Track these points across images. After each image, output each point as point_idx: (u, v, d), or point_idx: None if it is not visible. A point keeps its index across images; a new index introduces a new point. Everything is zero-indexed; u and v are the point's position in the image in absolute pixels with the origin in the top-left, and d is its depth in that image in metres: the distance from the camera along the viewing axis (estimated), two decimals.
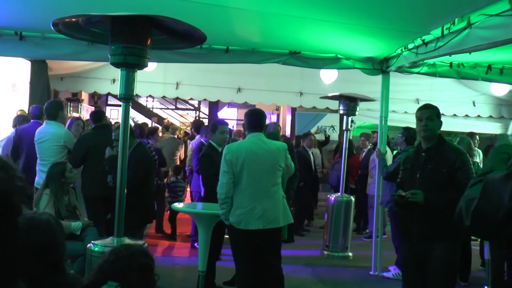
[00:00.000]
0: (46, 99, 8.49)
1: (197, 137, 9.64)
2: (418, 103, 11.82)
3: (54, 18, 3.76)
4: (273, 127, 7.96)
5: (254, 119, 5.16)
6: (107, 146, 6.08)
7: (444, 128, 4.45)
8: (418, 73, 7.21)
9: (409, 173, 4.44)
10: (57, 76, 10.86)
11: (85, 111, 13.00)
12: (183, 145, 11.17)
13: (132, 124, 10.11)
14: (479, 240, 7.30)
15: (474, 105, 12.36)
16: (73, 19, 3.76)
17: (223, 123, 6.43)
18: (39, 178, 6.28)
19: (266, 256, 5.08)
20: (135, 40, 3.85)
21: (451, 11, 5.02)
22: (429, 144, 4.36)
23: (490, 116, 12.69)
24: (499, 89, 10.30)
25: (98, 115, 6.94)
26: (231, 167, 4.88)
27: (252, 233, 4.90)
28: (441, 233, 4.17)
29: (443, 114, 13.29)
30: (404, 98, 11.54)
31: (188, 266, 6.91)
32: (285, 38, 6.59)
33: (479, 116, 12.57)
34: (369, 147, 10.44)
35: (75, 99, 12.96)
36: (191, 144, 9.61)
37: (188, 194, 9.90)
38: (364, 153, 10.56)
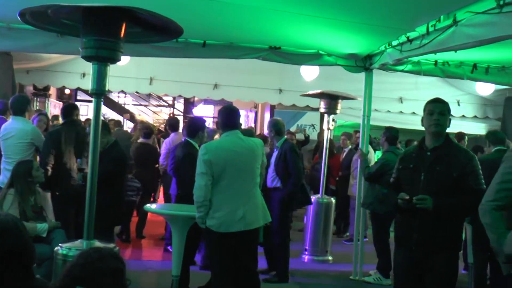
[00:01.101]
0: (11, 94, 8.38)
1: (172, 135, 9.61)
2: (402, 102, 11.96)
3: (21, 8, 3.71)
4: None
5: (230, 116, 5.12)
6: (77, 141, 6.04)
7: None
8: (402, 71, 7.27)
9: (409, 173, 4.18)
10: (22, 69, 10.72)
11: (53, 107, 12.86)
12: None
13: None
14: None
15: (458, 105, 12.52)
16: (42, 9, 3.72)
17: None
18: (3, 177, 6.20)
19: (244, 260, 5.07)
20: (107, 33, 3.82)
21: (436, 8, 5.07)
22: (436, 143, 4.12)
23: (475, 116, 12.88)
24: (484, 89, 10.45)
25: (68, 110, 6.87)
26: (210, 168, 4.78)
27: (232, 236, 4.84)
28: (444, 242, 4.00)
29: None
30: (388, 97, 11.64)
31: (161, 271, 6.89)
32: (265, 33, 6.59)
33: (463, 116, 12.74)
34: (350, 147, 10.51)
35: (42, 93, 12.81)
36: (165, 143, 9.57)
37: (161, 195, 9.87)
38: (345, 153, 10.62)
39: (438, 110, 4.11)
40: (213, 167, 4.79)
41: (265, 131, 15.48)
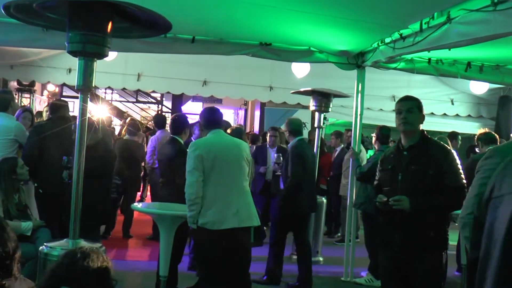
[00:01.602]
0: None
1: (158, 132, 9.59)
2: (394, 100, 11.96)
3: (5, 1, 3.70)
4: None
5: (213, 115, 5.26)
6: (62, 138, 6.02)
7: (422, 127, 4.36)
8: (395, 68, 7.31)
9: (389, 175, 4.21)
10: (6, 64, 10.66)
11: (38, 103, 12.80)
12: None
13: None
14: (456, 244, 7.44)
15: (452, 104, 12.60)
16: (27, 2, 3.71)
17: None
18: None
19: (237, 260, 5.07)
20: (94, 27, 3.82)
21: (430, 5, 5.10)
22: (411, 142, 4.16)
23: (469, 115, 12.96)
24: (478, 88, 10.51)
25: (54, 107, 6.83)
26: (202, 164, 4.85)
27: (225, 233, 4.85)
28: (427, 243, 3.99)
29: None
30: (380, 95, 11.68)
31: (148, 271, 6.88)
32: (256, 29, 6.60)
33: (457, 115, 12.82)
34: (342, 146, 10.53)
35: (27, 89, 12.75)
36: (151, 140, 9.55)
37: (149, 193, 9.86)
38: (337, 152, 10.65)
39: (405, 108, 4.17)
40: (204, 162, 4.84)
41: (256, 129, 15.52)
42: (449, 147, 4.29)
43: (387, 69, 7.48)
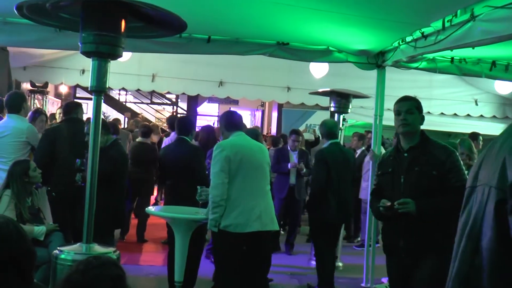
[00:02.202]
0: (7, 91, 8.40)
1: (172, 134, 9.62)
2: None
3: (18, 1, 3.73)
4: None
5: (234, 118, 5.35)
6: (75, 141, 6.06)
7: (444, 128, 4.39)
8: (416, 68, 7.26)
9: (389, 178, 4.18)
10: (19, 65, 10.76)
11: (51, 105, 12.91)
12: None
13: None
14: None
15: (476, 104, 12.47)
16: (40, 3, 3.74)
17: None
18: None
19: (257, 264, 5.10)
20: (108, 27, 3.84)
21: (453, 2, 5.05)
22: (411, 143, 4.13)
23: (494, 116, 12.80)
24: (504, 87, 10.41)
25: (68, 108, 6.88)
26: (228, 165, 4.88)
27: (247, 237, 4.87)
28: (434, 246, 3.93)
29: (442, 113, 13.37)
30: (401, 95, 11.53)
31: (162, 276, 6.88)
32: (273, 28, 6.59)
33: (481, 116, 12.67)
34: (363, 148, 10.49)
35: (40, 91, 12.86)
36: (165, 142, 9.57)
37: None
38: (357, 155, 10.60)
39: (404, 109, 4.16)
40: (230, 164, 4.89)
41: (273, 131, 15.52)
42: (450, 147, 4.21)
43: (408, 69, 7.43)
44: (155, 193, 12.66)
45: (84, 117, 7.17)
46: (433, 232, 3.93)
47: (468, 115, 12.59)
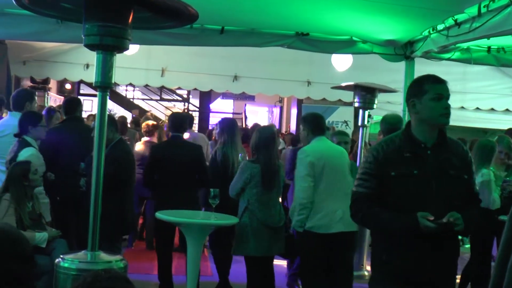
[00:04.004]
0: (5, 86, 8.48)
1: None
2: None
3: None
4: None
5: (321, 122, 5.78)
6: (78, 142, 6.07)
7: (479, 125, 4.19)
8: (448, 59, 7.22)
9: (414, 183, 3.40)
10: (18, 60, 10.84)
11: (53, 102, 12.98)
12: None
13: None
14: None
15: None
16: None
17: None
18: None
19: (340, 264, 5.60)
20: (113, 18, 3.85)
21: None
22: (433, 138, 3.48)
23: None
24: None
25: (70, 105, 6.92)
26: (313, 169, 5.38)
27: (331, 238, 5.38)
28: (455, 271, 3.55)
29: (477, 108, 13.25)
30: None
31: (174, 286, 6.91)
32: (291, 17, 6.59)
33: None
34: None
35: (41, 87, 12.94)
36: None
37: None
38: None
39: (447, 94, 3.46)
40: (314, 169, 5.39)
41: (292, 129, 15.49)
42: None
43: (440, 60, 7.40)
44: None
45: (84, 115, 7.18)
46: (458, 250, 3.56)
47: (507, 110, 12.43)
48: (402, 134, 3.53)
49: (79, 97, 17.03)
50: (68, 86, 15.87)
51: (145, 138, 9.54)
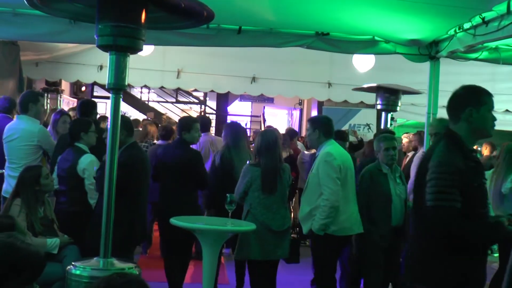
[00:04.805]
0: (17, 89, 8.52)
1: (201, 136, 9.62)
2: None
3: None
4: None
5: (332, 125, 6.00)
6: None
7: (509, 128, 4.16)
8: (476, 59, 7.16)
9: (484, 191, 3.71)
10: (31, 61, 10.93)
11: (66, 104, 13.05)
12: None
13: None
14: None
15: None
16: None
17: None
18: (7, 186, 6.31)
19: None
20: (127, 18, 3.87)
21: None
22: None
23: None
24: None
25: (86, 107, 6.94)
26: (341, 173, 5.69)
27: (347, 239, 5.89)
28: None
29: (507, 110, 13.14)
30: None
31: None
32: (311, 16, 6.58)
33: None
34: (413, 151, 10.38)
35: (54, 89, 13.01)
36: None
37: None
38: (408, 158, 10.49)
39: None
40: (341, 172, 5.70)
41: None
42: None
43: (466, 60, 7.34)
44: None
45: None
46: None
47: None
48: (457, 143, 3.57)
49: (93, 99, 17.14)
50: (83, 88, 15.97)
51: (159, 142, 9.55)
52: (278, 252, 5.89)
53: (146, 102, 23.26)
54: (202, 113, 22.59)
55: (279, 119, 23.53)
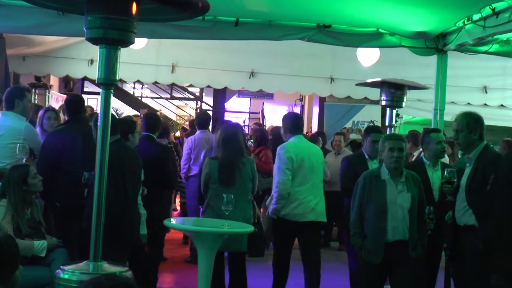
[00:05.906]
0: (3, 84, 8.51)
1: (197, 132, 9.61)
2: (486, 92, 11.68)
3: None
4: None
5: (298, 121, 6.75)
6: (83, 145, 6.07)
7: None
8: (485, 52, 7.17)
9: None
10: (18, 55, 10.92)
11: (55, 100, 13.04)
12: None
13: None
14: None
15: None
16: None
17: None
18: None
19: (308, 249, 6.58)
20: (118, 9, 3.85)
21: None
22: None
23: None
24: None
25: (75, 105, 6.88)
26: (291, 164, 6.33)
27: (302, 226, 6.38)
28: None
29: None
30: (467, 86, 11.44)
31: None
32: (311, 8, 6.58)
33: None
34: (420, 150, 10.37)
35: (41, 84, 13.00)
36: (187, 142, 9.58)
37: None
38: (414, 158, 10.49)
39: None
40: (293, 163, 6.34)
41: (314, 129, 15.46)
42: None
43: (476, 53, 7.34)
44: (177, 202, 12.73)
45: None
46: None
47: None
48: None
49: (83, 95, 17.12)
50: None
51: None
52: (237, 245, 6.04)
53: (139, 98, 23.24)
54: (199, 110, 22.56)
55: (279, 115, 23.53)
